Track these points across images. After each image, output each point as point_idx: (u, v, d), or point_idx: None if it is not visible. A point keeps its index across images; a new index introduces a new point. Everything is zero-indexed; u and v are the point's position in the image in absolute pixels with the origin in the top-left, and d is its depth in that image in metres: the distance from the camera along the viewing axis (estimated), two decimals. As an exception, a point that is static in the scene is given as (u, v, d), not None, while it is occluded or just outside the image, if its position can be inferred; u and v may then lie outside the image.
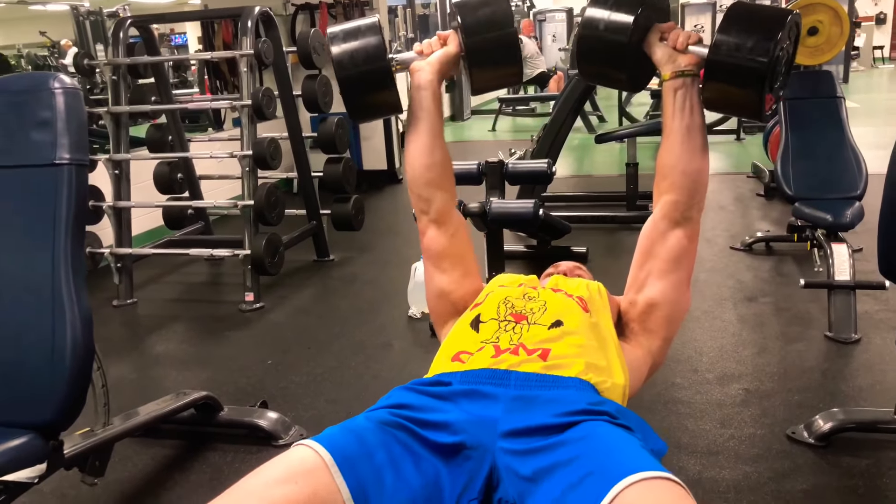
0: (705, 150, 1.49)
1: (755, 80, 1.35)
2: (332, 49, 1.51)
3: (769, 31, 1.36)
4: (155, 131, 4.25)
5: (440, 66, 1.57)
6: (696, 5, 12.23)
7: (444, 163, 1.62)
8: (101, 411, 1.95)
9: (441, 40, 1.60)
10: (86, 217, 1.69)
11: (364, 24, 1.54)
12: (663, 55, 1.48)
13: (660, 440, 1.33)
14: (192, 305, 3.97)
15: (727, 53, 1.37)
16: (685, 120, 1.46)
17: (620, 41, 1.46)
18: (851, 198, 3.23)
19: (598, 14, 1.48)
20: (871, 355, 2.74)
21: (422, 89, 1.57)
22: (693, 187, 1.49)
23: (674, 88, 1.46)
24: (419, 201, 1.63)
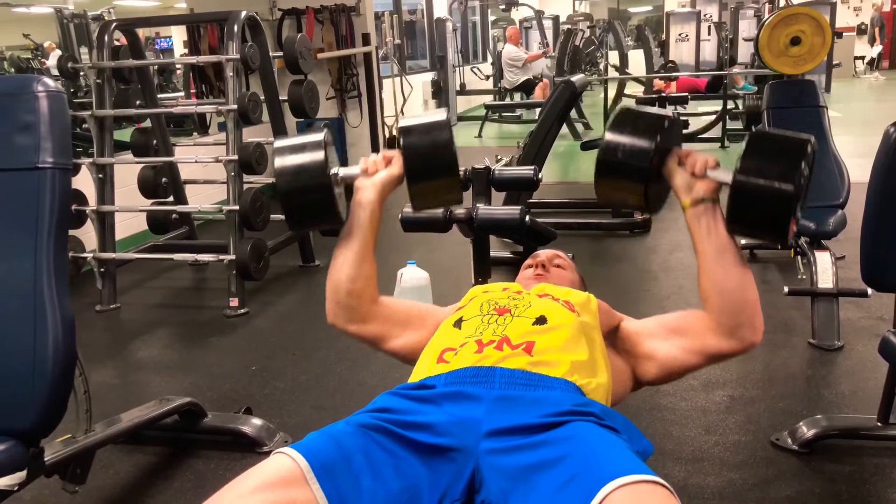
0: (742, 267, 1.46)
1: (783, 207, 1.35)
2: (276, 162, 1.54)
3: (794, 157, 1.37)
4: (140, 135, 4.22)
5: (383, 187, 1.60)
6: (680, 14, 12.34)
7: (369, 275, 1.62)
8: (82, 418, 1.93)
9: (386, 161, 1.62)
10: (69, 221, 1.68)
11: (309, 141, 1.57)
12: (681, 183, 1.47)
13: (645, 440, 1.34)
14: (175, 311, 3.93)
15: (754, 179, 1.37)
16: (713, 244, 1.45)
17: (641, 167, 1.46)
18: (834, 206, 3.26)
19: (617, 139, 1.48)
20: (853, 362, 2.77)
21: (362, 208, 1.60)
22: (735, 308, 1.46)
23: (696, 216, 1.46)
24: (336, 307, 1.63)
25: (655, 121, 1.49)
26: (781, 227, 1.38)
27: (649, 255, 4.30)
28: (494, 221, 3.01)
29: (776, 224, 1.38)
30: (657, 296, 3.63)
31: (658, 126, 1.47)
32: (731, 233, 1.45)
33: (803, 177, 1.36)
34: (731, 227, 1.45)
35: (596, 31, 12.46)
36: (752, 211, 1.40)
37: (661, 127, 1.47)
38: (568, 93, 4.50)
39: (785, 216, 1.36)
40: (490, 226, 3.03)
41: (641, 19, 18.29)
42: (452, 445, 1.19)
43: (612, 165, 1.49)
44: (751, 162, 1.39)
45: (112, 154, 3.91)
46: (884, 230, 1.86)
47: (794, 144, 1.41)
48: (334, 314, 1.65)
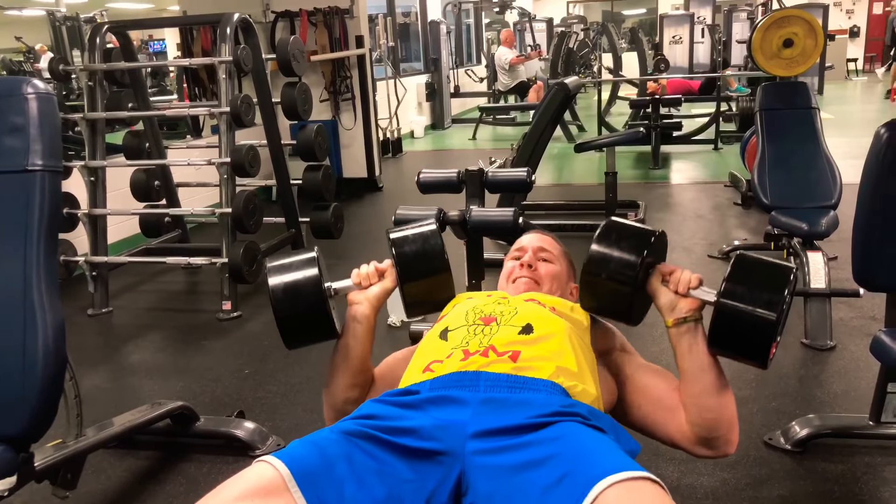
0: (722, 387, 1.45)
1: (765, 333, 1.36)
2: (270, 282, 1.56)
3: (777, 284, 1.38)
4: (132, 138, 4.21)
5: (377, 301, 1.63)
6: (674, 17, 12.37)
7: (366, 380, 1.64)
8: (73, 422, 1.92)
9: (378, 273, 1.63)
10: (59, 224, 1.66)
11: (302, 259, 1.60)
12: (665, 302, 1.47)
13: (632, 440, 1.33)
14: (168, 314, 3.92)
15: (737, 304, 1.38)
16: (694, 362, 1.45)
17: (626, 283, 1.47)
18: (826, 207, 3.27)
19: (603, 253, 1.50)
20: (845, 362, 2.77)
21: (357, 322, 1.61)
22: (711, 425, 1.45)
23: (678, 335, 1.46)
24: (335, 413, 1.63)
25: (641, 236, 1.51)
26: (762, 352, 1.38)
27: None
28: (488, 223, 3.01)
29: (757, 348, 1.39)
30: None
31: (644, 242, 1.49)
32: (711, 349, 1.45)
33: (785, 303, 1.36)
34: (711, 347, 1.45)
35: (590, 34, 12.49)
36: (734, 334, 1.41)
37: (646, 243, 1.49)
38: (562, 95, 4.51)
39: (766, 342, 1.37)
40: (484, 228, 3.02)
41: (635, 22, 18.35)
42: (438, 449, 1.18)
43: (597, 278, 1.51)
44: (735, 286, 1.40)
45: (104, 157, 3.89)
46: (875, 231, 1.87)
47: (779, 272, 1.42)
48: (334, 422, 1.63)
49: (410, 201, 2.46)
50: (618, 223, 1.58)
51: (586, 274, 1.52)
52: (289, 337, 1.60)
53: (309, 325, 1.59)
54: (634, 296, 1.48)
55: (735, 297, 1.39)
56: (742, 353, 1.43)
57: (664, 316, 1.49)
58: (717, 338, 1.43)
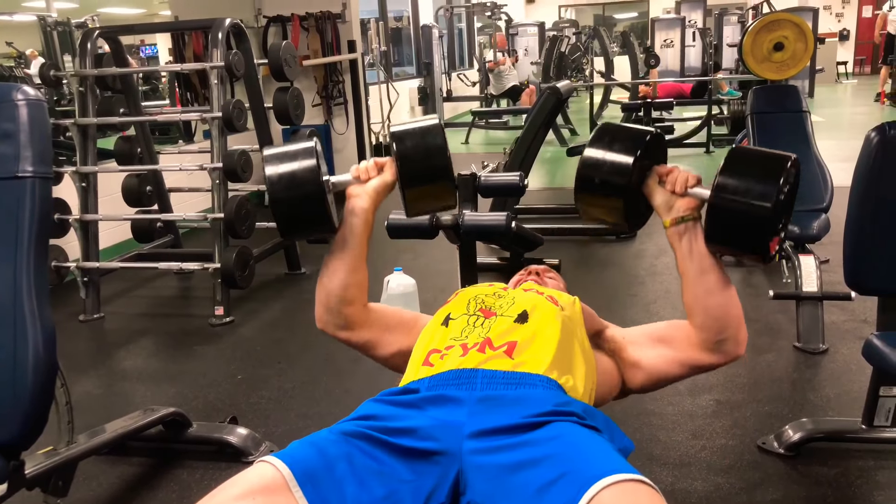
0: (725, 285, 1.45)
1: (761, 225, 1.34)
2: (267, 170, 1.52)
3: (772, 174, 1.35)
4: (123, 143, 4.19)
5: (376, 194, 1.60)
6: (665, 20, 12.43)
7: (361, 282, 1.62)
8: (64, 429, 1.91)
9: (377, 167, 1.62)
10: (49, 230, 1.65)
11: (300, 148, 1.56)
12: (662, 201, 1.46)
13: (626, 438, 1.34)
14: (160, 320, 3.91)
15: (732, 197, 1.36)
16: (695, 262, 1.44)
17: (620, 184, 1.44)
18: (817, 210, 3.28)
19: (597, 155, 1.46)
20: (838, 365, 2.78)
21: (355, 215, 1.59)
22: (718, 324, 1.46)
23: (677, 234, 1.45)
24: (327, 314, 1.62)
25: (636, 136, 1.47)
26: (760, 245, 1.36)
27: (636, 260, 4.31)
28: (481, 227, 3.01)
29: (755, 242, 1.37)
30: (644, 300, 3.64)
31: (639, 142, 1.45)
32: (711, 251, 1.44)
33: (783, 194, 1.34)
34: (710, 244, 1.43)
35: (581, 38, 12.51)
36: (730, 229, 1.38)
37: (641, 143, 1.45)
38: (554, 99, 4.51)
39: (763, 234, 1.35)
40: (476, 232, 3.02)
41: (627, 26, 18.41)
42: (436, 449, 1.18)
43: (592, 181, 1.47)
44: (729, 179, 1.37)
45: (95, 162, 3.88)
46: (866, 234, 1.87)
47: (774, 161, 1.39)
48: (324, 321, 1.64)
49: (403, 206, 2.46)
50: (612, 125, 1.55)
51: (581, 179, 1.48)
52: (285, 226, 1.56)
53: (305, 213, 1.54)
54: (630, 197, 1.45)
55: (729, 190, 1.36)
56: (742, 247, 1.42)
57: (662, 216, 1.47)
58: (715, 233, 1.41)
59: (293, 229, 1.59)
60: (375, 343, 1.65)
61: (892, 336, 1.87)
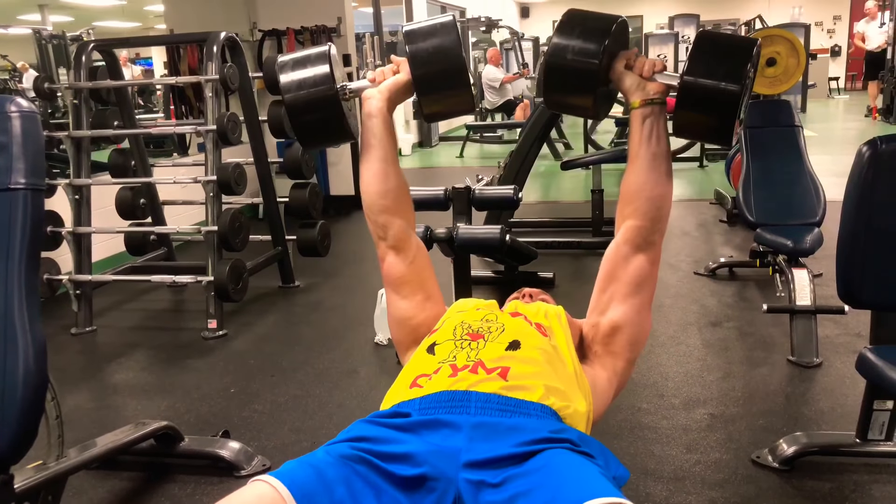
0: (670, 176, 1.51)
1: (729, 106, 1.37)
2: (280, 77, 1.52)
3: (739, 58, 1.39)
4: (117, 156, 4.19)
5: (390, 94, 1.57)
6: (658, 35, 12.52)
7: (398, 189, 1.61)
8: (54, 443, 1.89)
9: (393, 68, 1.60)
10: (41, 242, 1.65)
11: (313, 53, 1.55)
12: (632, 83, 1.48)
13: (622, 466, 1.32)
14: (153, 333, 3.89)
15: (701, 80, 1.39)
16: (652, 147, 1.48)
17: (589, 68, 1.45)
18: (811, 224, 3.29)
19: (565, 42, 1.47)
20: (832, 379, 2.78)
21: (372, 117, 1.57)
22: (656, 213, 1.51)
23: (643, 116, 1.47)
24: (376, 227, 1.63)
25: (603, 21, 1.49)
26: (726, 128, 1.40)
27: (630, 274, 4.31)
28: (475, 241, 3.02)
29: (721, 124, 1.40)
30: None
31: (606, 26, 1.47)
32: (677, 134, 1.49)
33: (748, 77, 1.38)
34: (677, 127, 1.47)
35: (576, 53, 12.56)
36: (698, 111, 1.42)
37: (609, 28, 1.47)
38: (548, 113, 4.53)
39: (730, 116, 1.38)
40: (471, 245, 3.03)
41: (620, 41, 18.49)
42: (432, 475, 1.17)
43: (560, 68, 1.48)
44: (697, 64, 1.40)
45: (89, 175, 3.87)
46: (859, 247, 1.88)
47: (740, 45, 1.44)
48: (378, 235, 1.63)
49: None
50: (579, 11, 1.55)
51: (549, 66, 1.48)
52: (302, 133, 1.56)
53: (320, 119, 1.53)
54: (599, 81, 1.46)
55: (698, 73, 1.39)
56: (707, 129, 1.45)
57: (629, 97, 1.49)
58: (683, 115, 1.43)
59: (310, 136, 1.58)
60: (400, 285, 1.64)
61: (885, 350, 1.88)
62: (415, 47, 1.52)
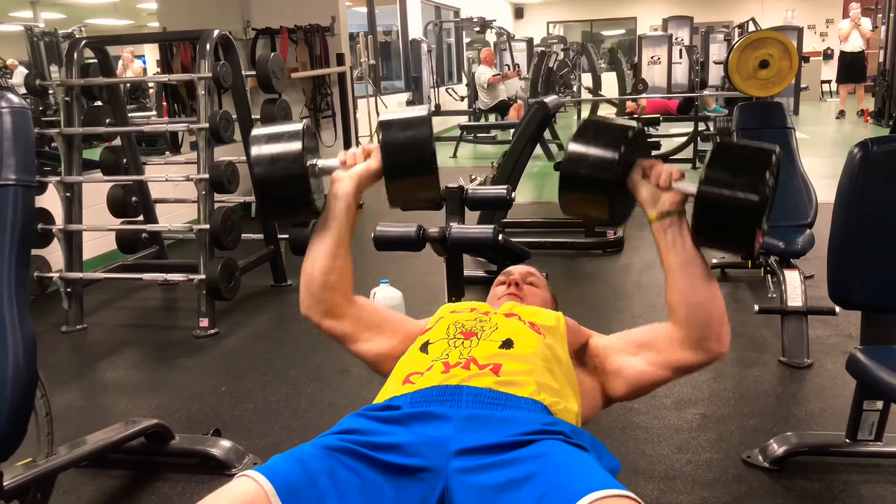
0: (708, 279, 1.44)
1: (749, 217, 1.34)
2: (252, 150, 1.54)
3: (759, 167, 1.36)
4: (109, 154, 4.17)
5: (360, 180, 1.59)
6: (652, 38, 12.53)
7: (343, 269, 1.62)
8: (44, 441, 1.88)
9: (365, 154, 1.61)
10: (32, 239, 1.64)
11: (287, 130, 1.57)
12: (647, 195, 1.45)
13: (613, 458, 1.33)
14: (144, 331, 3.87)
15: (720, 189, 1.36)
16: (679, 256, 1.44)
17: (605, 178, 1.44)
18: (802, 225, 3.30)
19: (581, 150, 1.46)
20: (822, 379, 2.79)
21: (338, 199, 1.59)
22: (702, 320, 1.44)
23: (662, 229, 1.44)
24: (310, 299, 1.62)
25: (620, 131, 1.48)
26: (747, 239, 1.36)
27: (622, 274, 4.32)
28: (468, 240, 3.01)
29: (741, 235, 1.37)
30: (630, 314, 3.64)
31: (622, 136, 1.46)
32: (696, 245, 1.44)
33: (768, 187, 1.34)
34: (696, 238, 1.44)
35: (570, 54, 12.61)
36: (717, 222, 1.38)
37: (625, 137, 1.45)
38: (541, 114, 4.54)
39: (750, 227, 1.35)
40: (463, 244, 3.02)
41: (614, 42, 18.57)
42: (421, 465, 1.17)
43: (576, 176, 1.47)
44: (715, 172, 1.38)
45: (80, 172, 3.85)
46: (850, 248, 1.88)
47: (760, 155, 1.40)
48: (308, 306, 1.64)
49: (390, 218, 2.45)
50: (596, 120, 1.56)
51: (566, 173, 1.48)
52: (267, 206, 1.58)
53: (287, 196, 1.55)
54: (615, 191, 1.45)
55: (716, 183, 1.36)
56: (727, 241, 1.42)
57: (647, 210, 1.47)
58: (701, 226, 1.40)
59: (275, 209, 1.60)
60: (356, 337, 1.64)
61: (875, 350, 1.89)
62: (388, 136, 1.55)
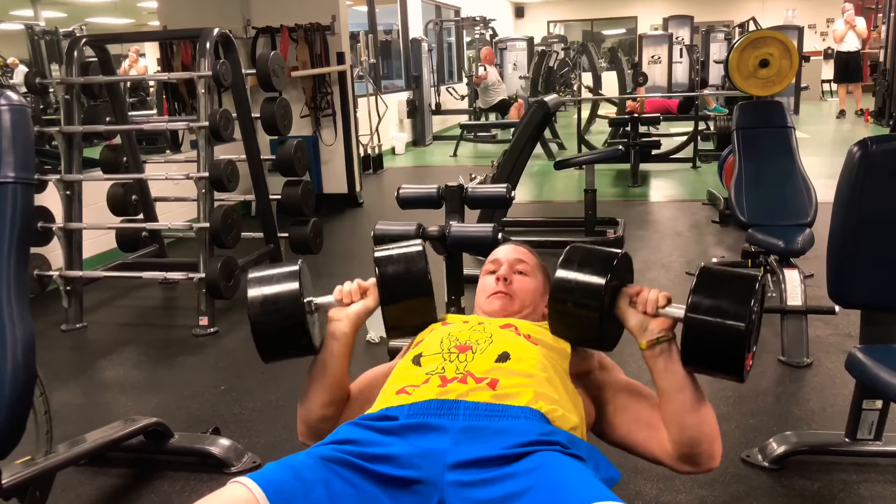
0: (699, 402, 1.46)
1: (734, 344, 1.35)
2: (249, 293, 1.56)
3: (743, 295, 1.37)
4: (109, 152, 4.17)
5: (357, 319, 1.62)
6: (653, 37, 12.53)
7: (341, 402, 1.63)
8: (42, 439, 1.88)
9: (360, 291, 1.63)
10: (31, 237, 1.64)
11: (284, 272, 1.59)
12: (635, 324, 1.46)
13: (612, 468, 1.32)
14: (144, 330, 3.87)
15: (705, 317, 1.38)
16: (671, 381, 1.45)
17: (594, 306, 1.46)
18: (802, 225, 3.30)
19: (567, 280, 1.48)
20: (822, 379, 2.79)
21: (336, 339, 1.61)
22: (693, 440, 1.46)
23: (653, 356, 1.45)
24: (308, 430, 1.64)
25: (605, 259, 1.50)
26: (736, 363, 1.38)
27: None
28: (467, 239, 3.01)
29: (730, 360, 1.38)
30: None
31: (607, 265, 1.47)
32: (686, 366, 1.44)
33: (753, 314, 1.36)
34: (686, 364, 1.44)
35: (570, 53, 12.60)
36: (705, 348, 1.40)
37: (609, 266, 1.47)
38: (541, 113, 4.53)
39: (738, 353, 1.36)
40: (463, 243, 3.02)
41: (615, 41, 18.56)
42: (416, 478, 1.17)
43: (564, 306, 1.49)
44: (701, 299, 1.39)
45: (80, 171, 3.85)
46: (849, 248, 1.88)
47: (744, 283, 1.41)
48: (305, 436, 1.64)
49: (390, 217, 2.46)
50: (580, 248, 1.57)
51: (554, 302, 1.51)
52: (265, 350, 1.58)
53: (285, 339, 1.57)
54: (603, 321, 1.47)
55: (701, 310, 1.38)
56: (716, 367, 1.43)
57: (637, 338, 1.48)
58: (690, 354, 1.42)
59: (273, 352, 1.61)
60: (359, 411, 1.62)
61: (874, 349, 1.88)
62: (385, 273, 1.58)
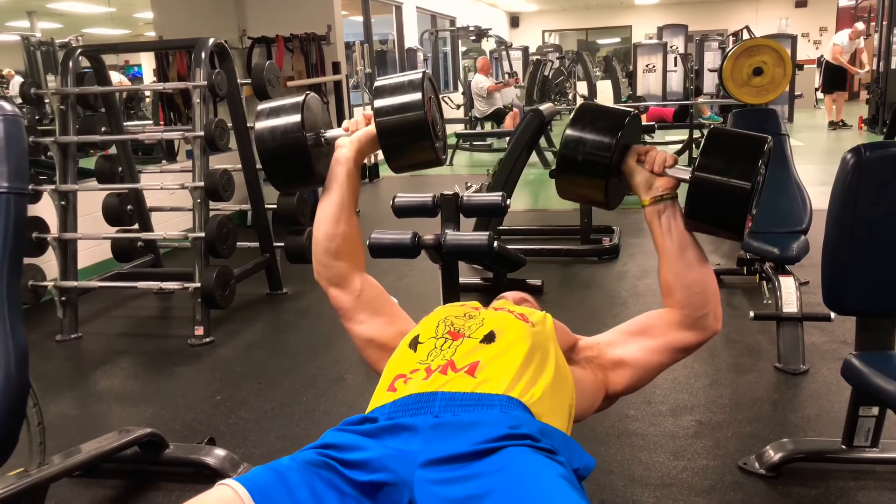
0: (703, 260, 1.50)
1: (740, 203, 1.39)
2: (256, 125, 1.63)
3: (751, 155, 1.41)
4: (104, 162, 4.17)
5: (360, 144, 1.64)
6: (647, 46, 12.60)
7: (347, 235, 1.65)
8: (36, 450, 1.87)
9: (366, 119, 1.66)
10: (24, 247, 1.63)
11: (289, 103, 1.65)
12: (641, 180, 1.50)
13: (586, 455, 1.31)
14: (139, 340, 3.86)
15: (712, 176, 1.41)
16: (674, 240, 1.49)
17: (602, 163, 1.48)
18: (797, 232, 3.31)
19: (578, 134, 1.51)
20: (818, 385, 2.79)
21: (339, 164, 1.65)
22: (699, 299, 1.50)
23: (656, 213, 1.50)
24: (317, 264, 1.68)
25: (616, 117, 1.52)
26: (738, 223, 1.41)
27: (617, 281, 4.32)
28: (463, 247, 3.01)
29: (733, 220, 1.42)
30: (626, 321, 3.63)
31: (619, 122, 1.50)
32: (689, 229, 1.49)
33: (759, 174, 1.40)
34: (688, 222, 1.48)
35: (565, 62, 12.67)
36: (710, 207, 1.43)
37: (621, 123, 1.50)
38: (536, 121, 4.54)
39: (741, 212, 1.40)
40: (459, 252, 3.02)
41: (609, 51, 18.65)
42: (387, 480, 1.18)
43: (573, 161, 1.51)
44: (708, 159, 1.43)
45: (76, 181, 3.84)
46: (844, 255, 1.89)
47: (751, 142, 1.45)
48: (317, 272, 1.70)
49: (386, 226, 2.45)
50: (592, 105, 1.59)
51: (562, 158, 1.52)
52: (272, 176, 1.67)
53: (288, 164, 1.63)
54: (610, 175, 1.49)
55: (709, 169, 1.41)
56: (719, 225, 1.46)
57: (640, 195, 1.51)
58: (694, 211, 1.45)
59: (280, 180, 1.69)
60: (353, 315, 1.69)
61: (870, 356, 1.88)
62: (380, 102, 1.60)
